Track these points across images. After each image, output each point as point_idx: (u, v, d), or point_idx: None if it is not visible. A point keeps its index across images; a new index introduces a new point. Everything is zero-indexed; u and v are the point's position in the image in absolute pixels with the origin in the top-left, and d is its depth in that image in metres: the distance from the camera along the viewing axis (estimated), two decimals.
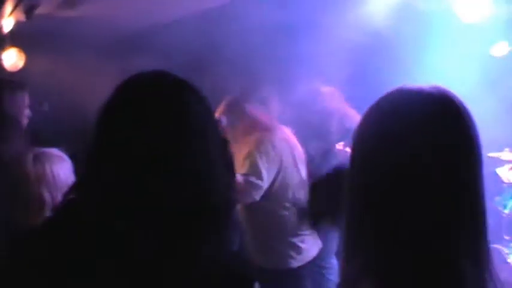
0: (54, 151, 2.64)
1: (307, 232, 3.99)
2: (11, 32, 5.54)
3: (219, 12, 5.35)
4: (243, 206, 3.96)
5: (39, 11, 5.16)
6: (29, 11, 4.98)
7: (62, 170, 2.54)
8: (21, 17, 5.17)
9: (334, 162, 4.07)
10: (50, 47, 5.72)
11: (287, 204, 3.92)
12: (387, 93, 1.40)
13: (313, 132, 4.30)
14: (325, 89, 4.70)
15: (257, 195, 3.78)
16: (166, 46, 5.29)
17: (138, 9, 5.49)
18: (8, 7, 5.06)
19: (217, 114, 3.92)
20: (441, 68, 4.51)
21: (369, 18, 4.78)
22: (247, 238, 4.07)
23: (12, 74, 5.82)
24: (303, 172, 4.06)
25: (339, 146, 4.39)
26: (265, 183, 3.80)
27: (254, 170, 3.78)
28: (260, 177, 3.77)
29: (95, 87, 6.24)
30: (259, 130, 3.96)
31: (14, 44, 5.75)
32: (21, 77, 5.82)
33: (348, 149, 4.35)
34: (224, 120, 3.90)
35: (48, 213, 2.41)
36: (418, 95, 1.35)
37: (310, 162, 4.23)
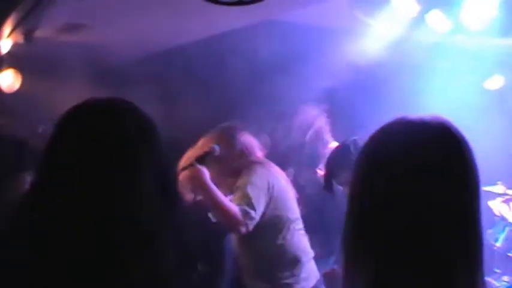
0: None
1: (305, 260, 4.00)
2: (9, 53, 5.57)
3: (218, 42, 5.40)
4: (239, 236, 3.97)
5: (38, 34, 5.17)
6: (28, 34, 4.99)
7: None
8: (20, 39, 5.18)
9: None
10: (47, 70, 5.75)
11: (282, 234, 3.93)
12: (388, 123, 1.42)
13: (305, 161, 4.32)
14: (313, 111, 4.71)
15: (250, 225, 3.78)
16: (163, 75, 5.36)
17: (137, 37, 5.53)
18: (7, 29, 5.07)
19: (210, 143, 3.94)
20: (438, 99, 4.57)
21: (369, 51, 4.86)
22: (243, 267, 4.07)
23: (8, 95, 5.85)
24: (294, 201, 4.07)
25: (319, 171, 4.44)
26: (258, 214, 3.81)
27: (247, 200, 3.78)
28: (253, 207, 3.77)
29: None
30: (251, 160, 3.99)
31: (12, 65, 5.77)
32: (17, 98, 5.86)
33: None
34: (217, 149, 3.92)
35: None
36: (418, 125, 1.37)
37: (300, 192, 4.26)
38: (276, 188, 3.92)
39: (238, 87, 5.08)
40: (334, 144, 4.50)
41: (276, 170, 4.04)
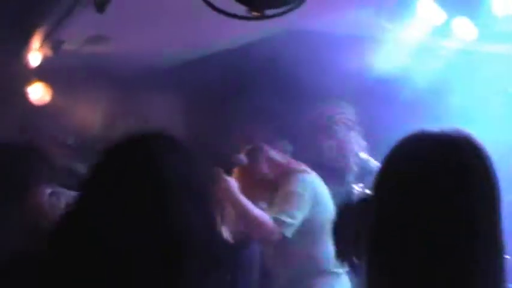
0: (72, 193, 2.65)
1: (340, 272, 3.98)
2: (38, 66, 5.65)
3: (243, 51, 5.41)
4: (273, 245, 3.98)
5: (66, 46, 5.24)
6: (56, 47, 5.07)
7: None
8: (49, 52, 5.25)
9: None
10: (76, 81, 5.82)
11: (320, 243, 3.93)
12: (408, 136, 1.42)
13: (328, 173, 4.29)
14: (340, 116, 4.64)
15: (288, 233, 3.79)
16: (191, 83, 5.38)
17: (160, 47, 5.58)
18: (36, 42, 5.15)
19: (240, 154, 3.98)
20: (462, 107, 4.54)
21: (393, 58, 4.85)
22: (275, 276, 4.09)
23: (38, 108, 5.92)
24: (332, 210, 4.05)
25: (357, 187, 4.40)
26: (296, 221, 3.81)
27: (285, 209, 3.79)
28: (291, 216, 3.78)
29: (116, 123, 6.37)
30: (290, 168, 4.00)
31: (41, 78, 5.85)
32: (47, 111, 5.93)
33: (367, 191, 4.37)
34: (244, 160, 3.95)
35: None
36: (438, 139, 1.37)
37: None
38: (317, 195, 3.93)
39: (260, 98, 5.08)
40: (363, 155, 4.46)
41: (316, 177, 4.04)
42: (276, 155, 4.09)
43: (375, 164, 4.52)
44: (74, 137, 5.70)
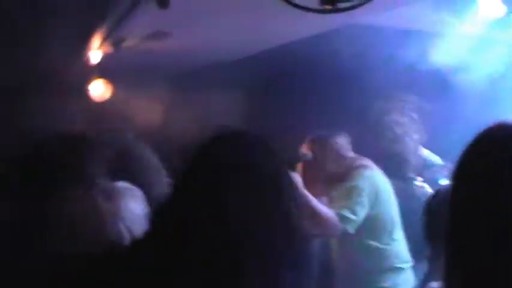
0: (124, 184, 2.65)
1: (404, 267, 3.97)
2: (99, 63, 5.74)
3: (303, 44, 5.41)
4: (336, 242, 3.99)
5: (124, 43, 5.32)
6: (117, 44, 5.14)
7: (134, 203, 2.48)
8: (110, 49, 5.33)
9: (414, 201, 4.04)
10: (136, 78, 5.89)
11: (383, 238, 3.92)
12: (486, 130, 1.40)
13: (389, 167, 4.26)
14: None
15: (351, 229, 3.79)
16: (253, 77, 5.41)
17: (220, 42, 5.62)
18: (97, 40, 5.24)
19: (306, 150, 3.99)
20: None
21: (453, 52, 4.81)
22: (337, 272, 4.09)
23: (98, 105, 6.03)
24: (396, 206, 4.03)
25: (419, 181, 4.36)
26: (359, 217, 3.81)
27: (348, 204, 3.79)
28: (354, 212, 3.78)
29: (175, 118, 6.44)
30: (353, 163, 4.00)
31: (101, 75, 5.94)
32: (106, 107, 6.04)
33: (426, 186, 4.33)
34: (309, 156, 3.96)
35: None
36: None
37: None
38: (379, 191, 3.92)
39: (321, 93, 5.08)
40: (424, 151, 4.44)
41: (379, 173, 4.03)
42: (340, 147, 4.08)
43: (434, 158, 4.50)
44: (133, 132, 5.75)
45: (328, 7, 2.09)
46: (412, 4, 4.77)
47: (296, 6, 2.13)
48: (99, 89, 5.93)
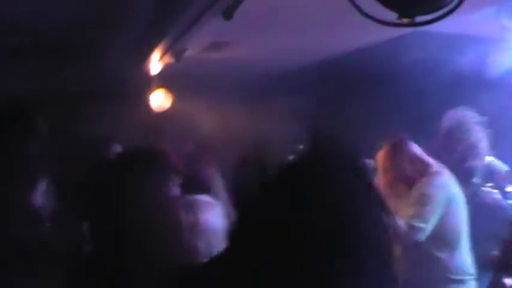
0: (205, 198, 2.68)
1: (467, 279, 3.91)
2: (159, 73, 5.82)
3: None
4: (398, 248, 3.94)
5: (186, 54, 5.38)
6: (178, 55, 5.20)
7: (212, 217, 2.52)
8: (171, 60, 5.40)
9: (483, 208, 3.99)
10: (196, 87, 5.97)
11: (450, 248, 3.87)
12: None
13: (457, 173, 4.21)
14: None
15: (421, 237, 3.75)
16: (316, 85, 5.42)
17: (284, 50, 5.65)
18: (159, 51, 5.31)
19: (381, 156, 3.99)
20: None
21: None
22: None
23: (159, 114, 6.12)
24: (465, 215, 3.97)
25: (486, 188, 4.29)
26: (430, 226, 3.78)
27: (419, 213, 3.77)
28: (424, 221, 3.75)
29: (237, 127, 6.50)
30: (426, 170, 3.96)
31: (162, 85, 6.03)
32: (167, 116, 6.13)
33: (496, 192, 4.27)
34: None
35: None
36: None
37: None
38: (451, 200, 3.87)
39: (386, 99, 5.07)
40: (489, 158, 4.38)
41: (452, 180, 4.00)
42: (417, 150, 4.03)
43: (498, 164, 4.43)
44: (193, 141, 5.82)
45: (406, 21, 2.08)
46: (474, 10, 4.72)
47: (375, 20, 2.12)
48: (159, 99, 6.02)
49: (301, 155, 1.72)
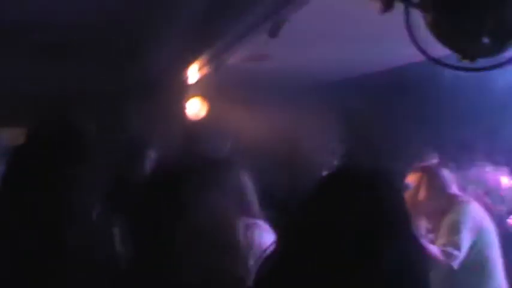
0: (262, 223, 2.68)
1: None
2: (196, 82, 5.85)
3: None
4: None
5: (226, 64, 5.39)
6: (219, 66, 5.22)
7: (267, 241, 2.41)
8: (211, 70, 5.42)
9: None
10: (233, 97, 5.97)
11: (484, 275, 3.87)
12: None
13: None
14: None
15: (455, 264, 3.76)
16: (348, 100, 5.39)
17: (329, 60, 5.65)
18: (199, 61, 5.34)
19: (413, 180, 3.99)
20: None
21: None
22: None
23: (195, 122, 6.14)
24: (497, 243, 3.98)
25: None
26: (463, 253, 3.79)
27: (453, 240, 3.78)
28: (458, 247, 3.76)
29: (277, 135, 6.49)
30: (456, 198, 3.97)
31: (198, 93, 6.05)
32: (204, 125, 6.15)
33: None
34: (410, 186, 3.95)
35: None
36: None
37: None
38: (482, 228, 3.88)
39: (429, 115, 5.05)
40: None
41: (481, 209, 4.00)
42: (447, 180, 4.04)
43: None
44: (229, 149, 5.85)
45: (467, 63, 2.08)
46: None
47: (436, 61, 2.12)
48: (195, 107, 6.06)
49: (343, 168, 1.80)
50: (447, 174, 4.09)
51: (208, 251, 2.07)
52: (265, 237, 2.58)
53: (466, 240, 3.77)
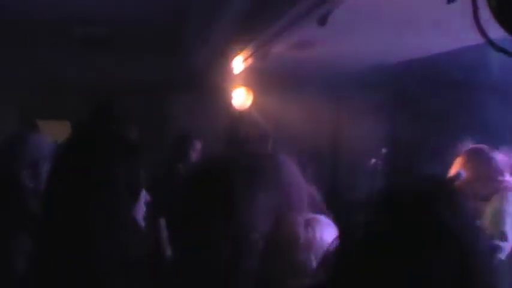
0: (323, 217, 2.61)
1: None
2: (241, 72, 5.79)
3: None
4: None
5: (272, 52, 5.32)
6: (265, 55, 5.14)
7: (328, 235, 2.35)
8: (257, 60, 5.36)
9: None
10: (279, 85, 5.92)
11: None
12: None
13: None
14: None
15: (503, 256, 3.64)
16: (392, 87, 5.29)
17: (365, 51, 5.56)
18: (245, 51, 5.28)
19: (459, 165, 3.86)
20: None
21: None
22: None
23: (240, 112, 6.11)
24: None
25: None
26: (509, 243, 3.66)
27: (498, 231, 3.65)
28: (505, 238, 3.63)
29: (321, 125, 6.43)
30: (502, 185, 3.82)
31: (244, 83, 6.01)
32: (249, 114, 6.11)
33: None
34: (462, 175, 3.82)
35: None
36: None
37: None
38: None
39: (471, 104, 4.91)
40: None
41: None
42: (498, 163, 3.88)
43: None
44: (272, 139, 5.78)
45: None
46: None
47: (495, 46, 2.01)
48: (240, 97, 6.01)
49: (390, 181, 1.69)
50: (498, 157, 3.92)
51: (266, 254, 1.99)
52: (327, 232, 2.50)
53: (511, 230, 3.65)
